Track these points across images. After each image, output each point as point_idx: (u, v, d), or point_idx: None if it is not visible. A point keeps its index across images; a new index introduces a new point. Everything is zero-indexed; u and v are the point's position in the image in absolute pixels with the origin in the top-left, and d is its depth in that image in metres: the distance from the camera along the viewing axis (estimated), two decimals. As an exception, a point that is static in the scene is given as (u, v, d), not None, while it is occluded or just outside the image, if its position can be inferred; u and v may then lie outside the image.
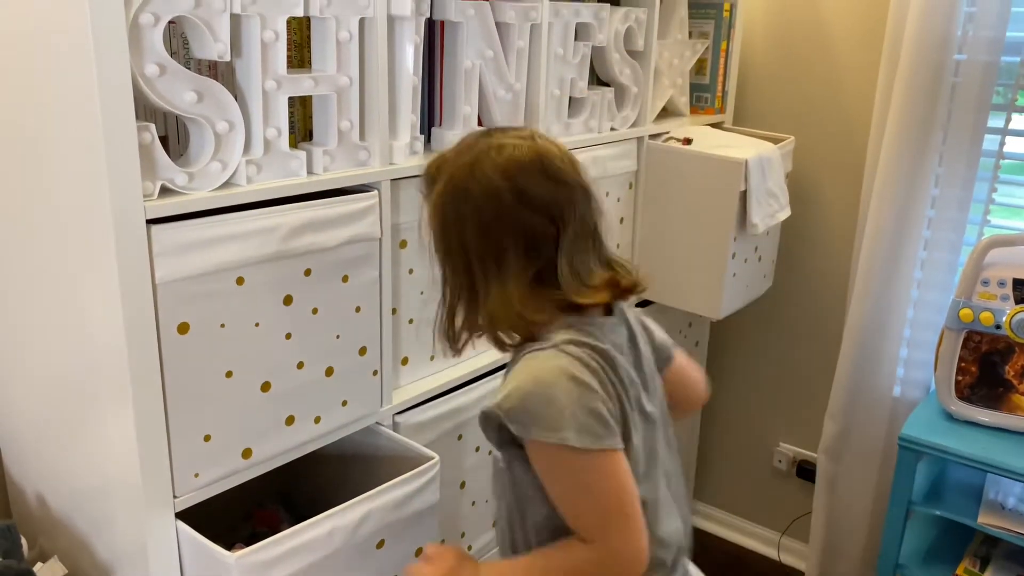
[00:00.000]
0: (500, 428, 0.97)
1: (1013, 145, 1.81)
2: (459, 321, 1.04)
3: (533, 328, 1.00)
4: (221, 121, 1.06)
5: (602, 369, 0.97)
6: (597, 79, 1.73)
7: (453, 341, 1.06)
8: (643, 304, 1.94)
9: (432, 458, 1.29)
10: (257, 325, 1.13)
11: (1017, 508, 1.65)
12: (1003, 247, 1.65)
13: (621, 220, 1.82)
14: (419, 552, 1.27)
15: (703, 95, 2.01)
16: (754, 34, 2.09)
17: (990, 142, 1.79)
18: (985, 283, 1.64)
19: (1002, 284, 1.63)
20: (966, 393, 1.68)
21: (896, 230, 1.84)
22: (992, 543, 1.73)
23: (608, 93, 1.69)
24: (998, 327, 1.62)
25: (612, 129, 1.73)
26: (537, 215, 0.97)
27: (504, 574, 1.05)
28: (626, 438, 0.98)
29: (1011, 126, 1.79)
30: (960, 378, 1.68)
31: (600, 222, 1.04)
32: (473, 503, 1.58)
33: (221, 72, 1.16)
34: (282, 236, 1.12)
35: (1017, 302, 1.62)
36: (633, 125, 1.78)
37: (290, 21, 1.15)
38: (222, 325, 1.09)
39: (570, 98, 1.61)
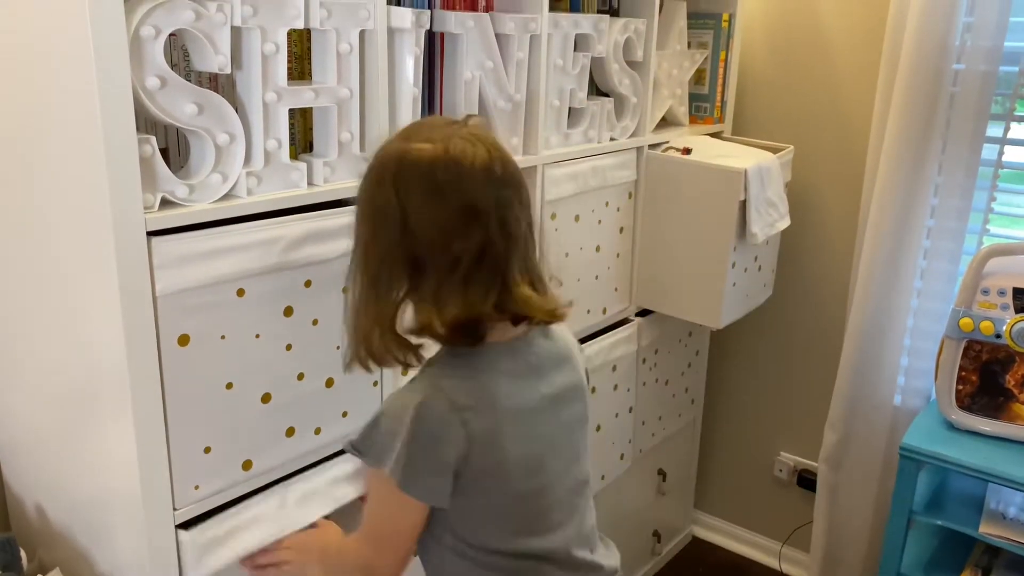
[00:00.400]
0: None
1: (1011, 154, 1.82)
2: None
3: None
4: (222, 133, 1.06)
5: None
6: (597, 89, 1.74)
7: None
8: (643, 313, 1.94)
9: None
10: (258, 336, 1.13)
11: (1019, 518, 1.65)
12: (1002, 256, 1.65)
13: (621, 230, 1.82)
14: None
15: (702, 105, 2.01)
16: (753, 44, 2.10)
17: (989, 151, 1.80)
18: (985, 292, 1.65)
19: (1002, 293, 1.63)
20: (967, 402, 1.68)
21: (896, 239, 1.84)
22: (994, 553, 1.72)
23: (608, 103, 1.70)
24: (998, 336, 1.62)
25: (612, 139, 1.73)
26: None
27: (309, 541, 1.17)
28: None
29: (1009, 135, 1.80)
30: (961, 387, 1.68)
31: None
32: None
33: (222, 84, 1.16)
34: (282, 248, 1.12)
35: (1017, 311, 1.62)
36: (632, 135, 1.78)
37: (290, 33, 1.16)
38: (223, 337, 1.09)
39: (570, 108, 1.62)
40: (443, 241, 0.93)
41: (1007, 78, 1.77)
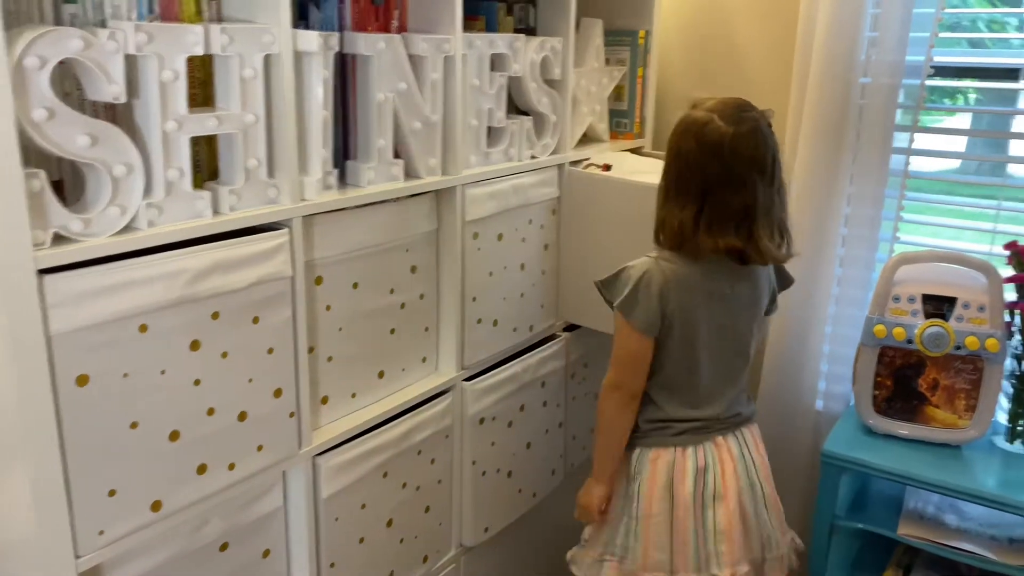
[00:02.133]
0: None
1: (917, 164, 1.88)
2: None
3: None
4: (118, 164, 1.03)
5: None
6: (516, 108, 1.74)
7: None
8: (571, 328, 1.94)
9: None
10: (163, 373, 1.10)
11: (937, 516, 1.70)
12: (912, 264, 1.70)
13: (545, 246, 1.82)
14: (266, 553, 1.32)
15: (622, 121, 2.04)
16: (670, 60, 2.13)
17: (896, 161, 1.86)
18: (896, 299, 1.69)
19: (912, 300, 1.68)
20: (883, 407, 1.72)
21: (812, 248, 1.89)
22: (915, 552, 1.77)
23: (527, 122, 1.70)
24: (910, 342, 1.67)
25: (532, 157, 1.73)
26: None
27: (596, 464, 1.53)
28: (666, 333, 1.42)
29: (915, 145, 1.86)
30: (877, 392, 1.72)
31: (750, 207, 1.36)
32: (402, 540, 1.55)
33: (120, 112, 1.12)
34: (187, 280, 1.09)
35: (927, 317, 1.67)
36: (553, 153, 1.79)
37: (193, 58, 1.13)
38: (125, 375, 1.06)
39: (489, 128, 1.62)
40: (716, 190, 1.36)
41: (910, 90, 1.83)
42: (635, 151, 2.05)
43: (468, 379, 1.65)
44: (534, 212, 1.76)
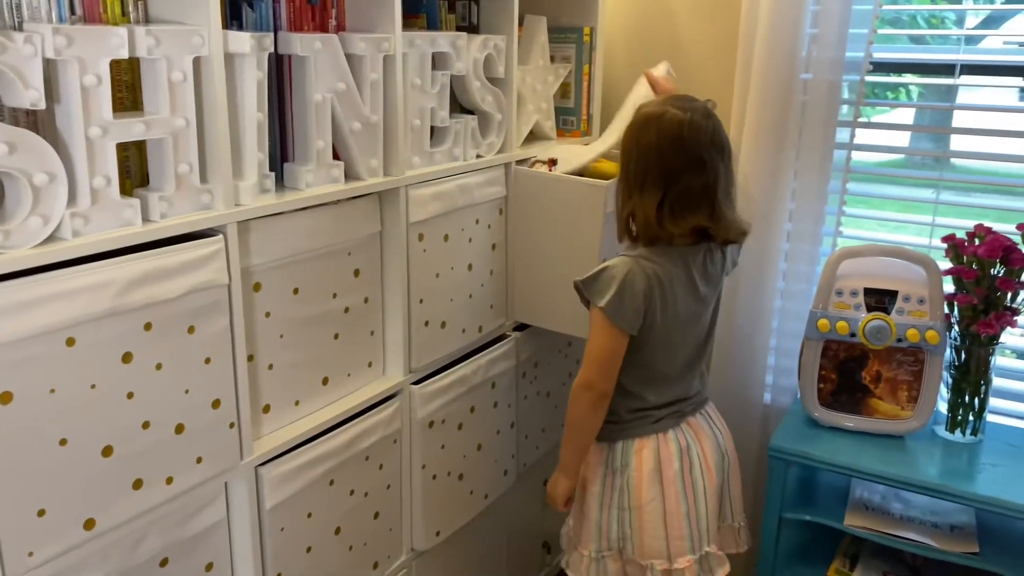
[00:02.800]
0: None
1: (859, 158, 1.91)
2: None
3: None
4: (39, 173, 0.99)
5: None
6: (460, 107, 1.72)
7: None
8: (521, 328, 1.94)
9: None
10: (93, 387, 1.06)
11: (882, 506, 1.73)
12: (854, 258, 1.73)
13: (493, 246, 1.81)
14: (209, 567, 1.29)
15: (569, 118, 2.03)
16: (615, 58, 2.13)
17: (838, 156, 1.88)
18: (839, 293, 1.72)
19: (855, 294, 1.71)
20: (828, 400, 1.75)
21: (758, 243, 1.90)
22: (861, 541, 1.80)
23: (471, 121, 1.68)
24: (853, 335, 1.69)
25: (478, 156, 1.72)
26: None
27: (563, 459, 1.55)
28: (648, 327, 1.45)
29: (856, 140, 1.89)
30: (822, 386, 1.75)
31: (710, 186, 1.41)
32: (351, 547, 1.53)
33: (42, 118, 1.08)
34: (116, 291, 1.05)
35: (869, 310, 1.70)
36: (500, 152, 1.77)
37: (120, 62, 1.10)
38: (52, 390, 1.02)
39: (432, 127, 1.60)
40: (678, 176, 1.39)
41: (851, 86, 1.86)
42: (582, 149, 2.04)
43: (416, 382, 1.63)
44: (481, 212, 1.75)
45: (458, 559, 1.86)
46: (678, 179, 1.40)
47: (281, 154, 1.38)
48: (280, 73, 1.35)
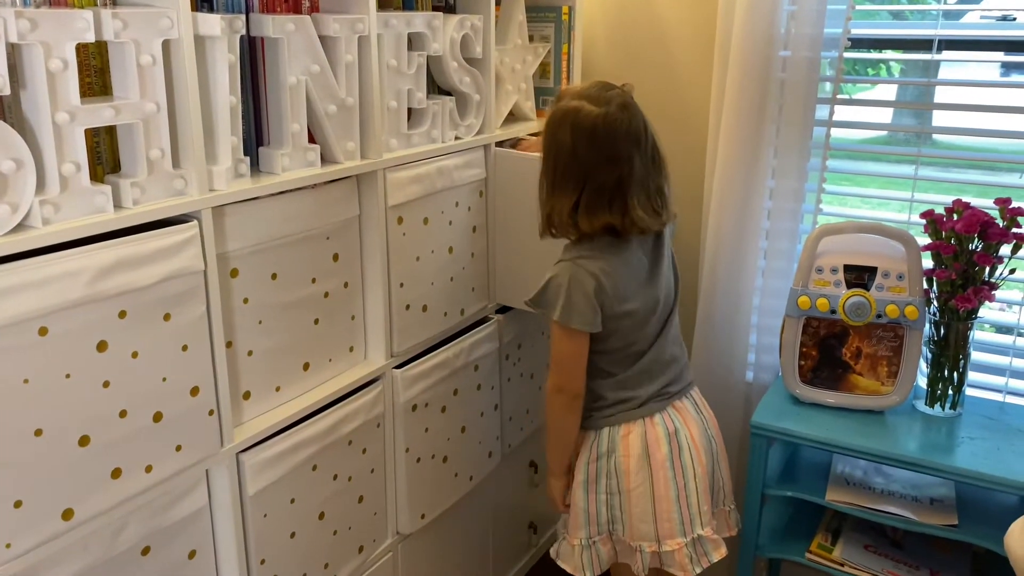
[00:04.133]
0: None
1: (838, 135, 1.91)
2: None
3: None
4: (6, 160, 0.97)
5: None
6: (438, 88, 1.71)
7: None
8: (504, 310, 1.93)
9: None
10: (68, 376, 1.05)
11: (863, 480, 1.74)
12: (834, 235, 1.73)
13: (474, 229, 1.80)
14: (192, 554, 1.28)
15: (548, 99, 2.01)
16: (595, 36, 2.12)
17: (817, 133, 1.88)
18: (819, 270, 1.72)
19: (834, 271, 1.71)
20: (809, 376, 1.76)
21: (738, 222, 1.90)
22: (842, 516, 1.81)
23: (449, 102, 1.67)
24: (833, 312, 1.70)
25: (457, 138, 1.71)
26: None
27: (549, 461, 1.60)
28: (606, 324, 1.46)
29: (835, 117, 1.88)
30: (803, 362, 1.75)
31: (624, 180, 1.41)
32: (335, 532, 1.53)
33: (8, 105, 1.06)
34: (88, 279, 1.04)
35: (848, 287, 1.70)
36: (479, 133, 1.76)
37: (87, 46, 1.08)
38: (25, 381, 1.01)
39: (410, 109, 1.58)
40: (594, 173, 1.40)
41: (830, 62, 1.85)
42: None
43: (399, 366, 1.63)
44: (461, 194, 1.74)
45: (444, 541, 1.87)
46: (592, 177, 1.40)
47: (256, 138, 1.36)
48: (253, 56, 1.33)
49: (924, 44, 1.85)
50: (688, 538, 1.51)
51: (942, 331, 1.68)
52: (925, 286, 1.69)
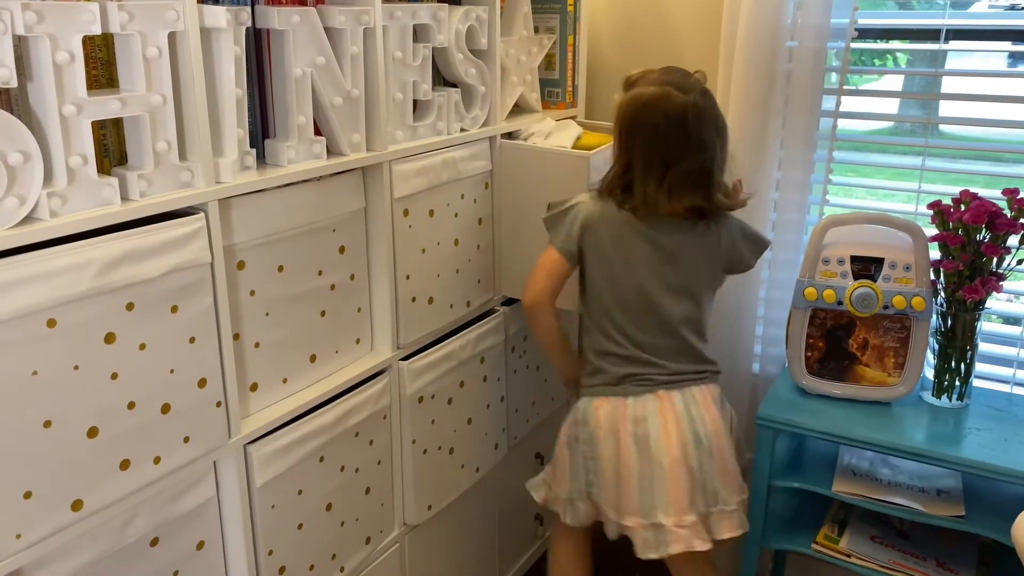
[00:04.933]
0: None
1: (845, 126, 1.90)
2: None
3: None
4: (13, 152, 0.97)
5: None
6: (443, 80, 1.70)
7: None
8: (510, 302, 1.93)
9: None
10: (76, 368, 1.05)
11: (870, 472, 1.74)
12: (840, 226, 1.73)
13: (480, 221, 1.80)
14: (200, 545, 1.30)
15: (554, 90, 2.01)
16: (600, 28, 2.11)
17: (824, 124, 1.87)
18: (826, 262, 1.72)
19: (841, 262, 1.71)
20: (816, 368, 1.76)
21: (745, 214, 1.89)
22: (849, 507, 1.81)
23: (455, 94, 1.67)
24: (840, 303, 1.70)
25: (462, 130, 1.70)
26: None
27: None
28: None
29: (842, 108, 1.88)
30: (809, 354, 1.75)
31: (679, 160, 1.49)
32: (342, 523, 1.54)
33: (15, 97, 1.06)
34: (96, 271, 1.04)
35: (855, 278, 1.70)
36: (484, 125, 1.76)
37: (94, 38, 1.08)
38: (34, 373, 1.01)
39: (415, 101, 1.58)
40: (683, 157, 1.49)
41: (838, 53, 1.84)
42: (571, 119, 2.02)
43: (405, 358, 1.63)
44: (466, 186, 1.74)
45: (450, 532, 1.87)
46: (679, 161, 1.48)
47: (262, 130, 1.36)
48: (259, 48, 1.33)
49: (931, 34, 1.84)
50: (648, 521, 1.52)
51: (949, 322, 1.68)
52: (932, 277, 1.68)
